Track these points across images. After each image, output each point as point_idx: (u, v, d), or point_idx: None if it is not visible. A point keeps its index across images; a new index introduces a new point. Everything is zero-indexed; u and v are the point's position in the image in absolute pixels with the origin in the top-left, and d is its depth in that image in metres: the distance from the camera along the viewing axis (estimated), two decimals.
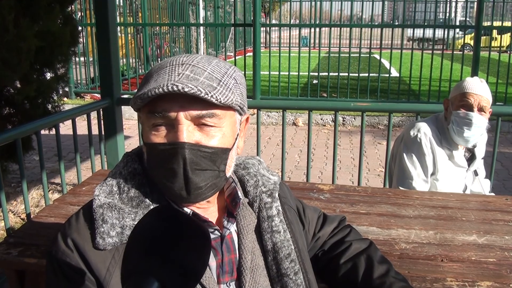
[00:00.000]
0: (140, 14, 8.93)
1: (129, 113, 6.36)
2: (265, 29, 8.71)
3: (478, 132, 2.11)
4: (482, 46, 7.30)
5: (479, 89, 2.09)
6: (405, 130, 2.30)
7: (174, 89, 0.76)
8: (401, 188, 2.22)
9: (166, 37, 10.05)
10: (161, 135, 0.82)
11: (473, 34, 7.37)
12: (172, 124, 0.81)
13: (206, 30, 9.65)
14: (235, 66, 0.90)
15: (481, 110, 2.10)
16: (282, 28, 7.88)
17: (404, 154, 2.22)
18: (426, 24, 8.65)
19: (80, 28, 7.12)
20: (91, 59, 7.78)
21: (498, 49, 8.44)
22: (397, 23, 10.49)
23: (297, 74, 7.22)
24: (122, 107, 2.93)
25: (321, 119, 6.83)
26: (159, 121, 0.81)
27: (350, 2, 7.30)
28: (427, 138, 2.18)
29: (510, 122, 6.29)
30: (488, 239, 1.56)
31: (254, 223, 0.95)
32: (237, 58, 8.31)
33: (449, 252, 1.48)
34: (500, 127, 2.59)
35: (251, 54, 7.06)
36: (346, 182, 4.31)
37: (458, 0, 8.91)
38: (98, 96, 6.97)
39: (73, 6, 6.77)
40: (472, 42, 8.38)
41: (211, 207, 0.92)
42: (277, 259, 0.94)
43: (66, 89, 7.60)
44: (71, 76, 7.40)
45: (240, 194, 0.93)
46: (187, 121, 0.80)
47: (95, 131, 2.82)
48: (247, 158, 1.05)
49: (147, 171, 0.89)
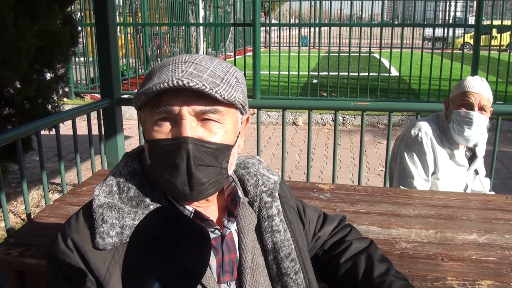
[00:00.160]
0: (139, 14, 8.92)
1: (129, 113, 6.36)
2: (264, 28, 8.71)
3: (478, 131, 2.11)
4: (482, 45, 7.29)
5: (480, 88, 2.09)
6: (406, 129, 2.30)
7: (180, 83, 0.77)
8: (402, 187, 2.21)
9: (165, 37, 10.05)
10: (164, 131, 0.82)
11: (472, 33, 7.37)
12: (175, 119, 0.81)
13: (206, 30, 9.65)
14: (236, 67, 0.91)
15: (481, 109, 2.09)
16: (281, 27, 7.87)
17: (405, 153, 2.22)
18: (426, 23, 8.65)
19: (80, 28, 7.13)
20: (91, 59, 7.78)
21: (498, 48, 8.44)
22: (396, 22, 10.48)
23: (297, 73, 7.21)
24: (122, 107, 2.93)
25: (321, 119, 6.83)
26: (162, 116, 0.81)
27: (349, 1, 7.29)
28: (428, 137, 2.18)
29: (510, 121, 6.29)
30: (488, 238, 1.56)
31: (254, 223, 0.95)
32: (237, 57, 8.31)
33: (449, 251, 1.47)
34: (500, 126, 2.60)
35: (251, 53, 7.06)
36: (346, 182, 4.31)
37: None
38: (98, 96, 6.97)
39: (72, 6, 6.76)
40: (472, 41, 8.37)
41: (211, 206, 0.92)
42: (277, 259, 0.94)
43: (66, 89, 7.59)
44: (71, 76, 7.40)
45: (240, 193, 0.93)
46: (191, 116, 0.81)
47: (95, 131, 2.82)
48: (247, 158, 1.05)
49: (147, 171, 0.89)
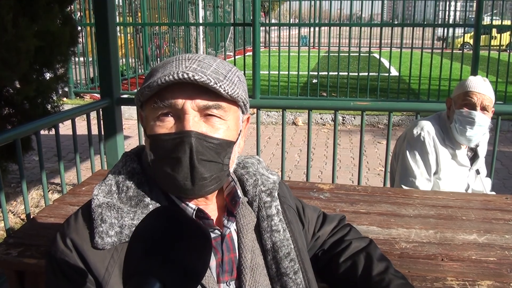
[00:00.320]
0: (139, 14, 8.92)
1: (128, 113, 6.35)
2: (264, 28, 8.72)
3: (480, 131, 2.09)
4: (481, 45, 7.29)
5: (482, 88, 2.08)
6: (408, 129, 2.28)
7: (185, 76, 0.77)
8: (403, 187, 2.20)
9: (165, 37, 10.05)
10: (166, 126, 0.82)
11: (472, 33, 7.37)
12: (178, 114, 0.81)
13: (206, 30, 9.63)
14: (236, 67, 0.91)
15: (484, 109, 2.08)
16: (281, 27, 7.87)
17: (407, 153, 2.21)
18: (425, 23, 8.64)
19: (79, 28, 7.13)
20: (91, 59, 7.78)
21: (498, 48, 8.44)
22: (396, 22, 10.48)
23: (296, 73, 7.21)
24: (122, 107, 2.92)
25: (320, 119, 6.83)
26: (165, 111, 0.82)
27: (349, 1, 7.29)
28: (431, 137, 2.17)
29: (510, 121, 6.29)
30: (488, 238, 1.56)
31: (254, 222, 0.95)
32: (236, 57, 8.30)
33: (449, 251, 1.47)
34: (500, 126, 2.59)
35: (251, 53, 7.06)
36: (346, 182, 4.31)
37: None
38: (98, 96, 6.95)
39: (72, 6, 6.76)
40: (471, 41, 8.37)
41: (210, 205, 0.92)
42: (276, 258, 0.93)
43: (66, 89, 7.59)
44: (71, 76, 7.40)
45: (239, 193, 0.93)
46: (194, 111, 0.81)
47: (95, 131, 2.82)
48: (246, 158, 1.06)
49: (146, 171, 0.89)
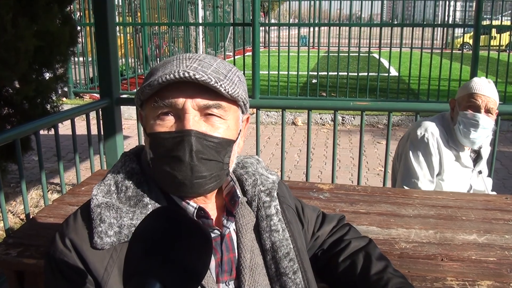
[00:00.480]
0: (139, 14, 8.92)
1: (128, 113, 6.35)
2: (264, 28, 8.72)
3: (484, 133, 2.08)
4: (481, 45, 7.29)
5: (487, 90, 2.06)
6: (411, 129, 2.26)
7: (186, 75, 0.77)
8: (406, 187, 2.18)
9: (165, 36, 10.05)
10: (166, 125, 0.82)
11: (472, 33, 7.36)
12: (178, 114, 0.82)
13: (205, 30, 9.64)
14: (236, 67, 0.91)
15: (488, 111, 2.07)
16: (281, 27, 7.87)
17: (410, 153, 2.18)
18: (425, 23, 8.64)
19: (79, 28, 7.13)
20: (90, 59, 7.77)
21: (497, 48, 8.44)
22: (396, 22, 10.49)
23: (296, 73, 7.22)
24: (121, 107, 2.93)
25: (320, 119, 6.83)
26: (166, 110, 0.82)
27: (349, 1, 7.30)
28: (434, 138, 2.14)
29: (509, 121, 6.29)
30: (488, 238, 1.56)
31: (253, 222, 0.94)
32: (236, 57, 8.30)
33: (449, 251, 1.47)
34: (500, 126, 2.59)
35: (250, 53, 7.05)
36: (346, 182, 4.31)
37: None
38: (97, 96, 6.97)
39: (72, 6, 6.76)
40: (471, 41, 8.37)
41: (209, 205, 0.92)
42: (275, 258, 0.93)
43: (65, 89, 7.59)
44: (70, 76, 7.39)
45: (238, 192, 0.93)
46: (194, 110, 0.81)
47: (94, 131, 2.82)
48: (246, 157, 1.06)
49: (145, 171, 0.89)
